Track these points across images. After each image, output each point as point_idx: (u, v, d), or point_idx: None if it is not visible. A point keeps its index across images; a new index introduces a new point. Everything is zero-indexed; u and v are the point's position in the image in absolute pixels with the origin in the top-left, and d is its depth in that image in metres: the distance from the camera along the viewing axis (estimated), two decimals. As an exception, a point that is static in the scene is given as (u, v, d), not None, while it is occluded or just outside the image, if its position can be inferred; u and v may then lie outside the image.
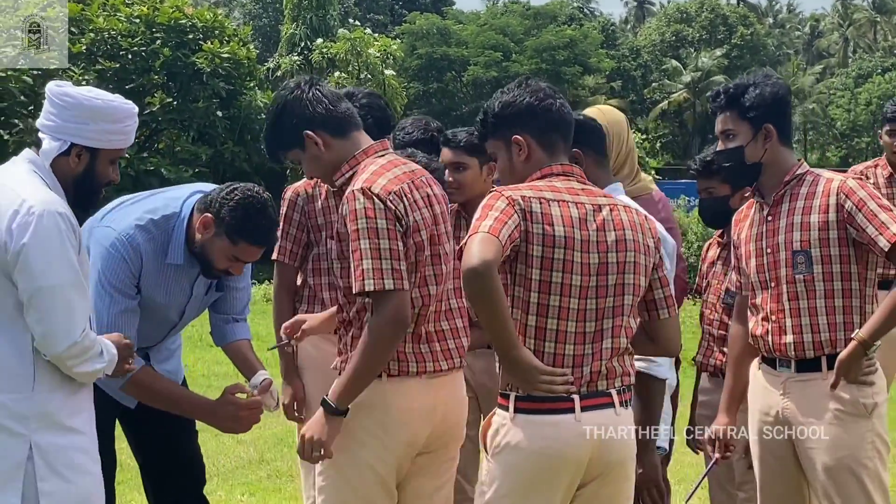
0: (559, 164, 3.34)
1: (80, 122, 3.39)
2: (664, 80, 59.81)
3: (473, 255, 3.01)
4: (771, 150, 3.84)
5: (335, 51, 24.48)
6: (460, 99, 52.96)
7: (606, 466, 3.22)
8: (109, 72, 18.70)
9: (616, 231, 3.24)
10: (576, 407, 3.15)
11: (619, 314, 3.25)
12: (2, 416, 3.23)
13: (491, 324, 3.11)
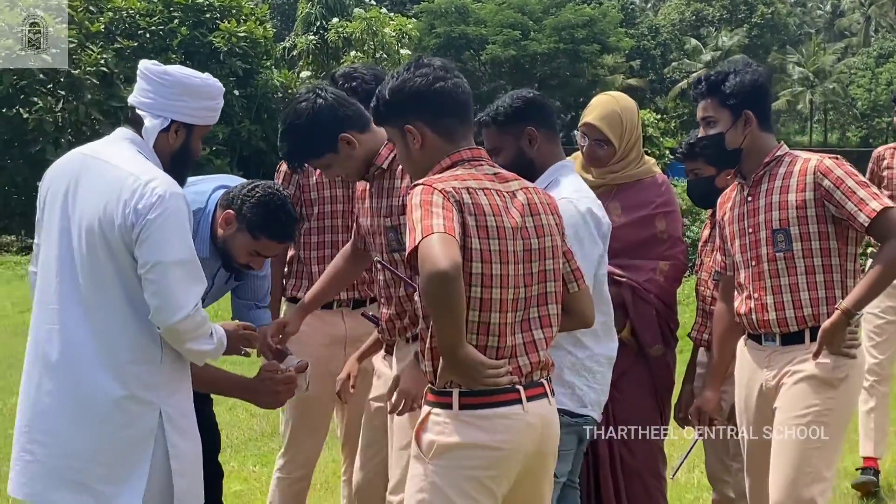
0: (467, 148, 3.22)
1: (179, 100, 3.52)
2: (684, 60, 59.56)
3: (439, 257, 2.85)
4: (751, 136, 3.96)
5: (351, 30, 24.52)
6: (478, 78, 52.88)
7: (541, 458, 3.18)
8: (127, 50, 18.83)
9: (534, 216, 3.16)
10: (522, 397, 3.08)
11: (545, 302, 3.18)
12: (136, 386, 3.38)
13: (449, 325, 2.96)
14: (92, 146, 3.61)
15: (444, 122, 3.22)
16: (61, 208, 3.47)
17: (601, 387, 3.87)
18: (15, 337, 10.63)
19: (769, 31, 62.36)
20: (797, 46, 65.43)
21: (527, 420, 3.09)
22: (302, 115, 3.88)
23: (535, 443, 3.12)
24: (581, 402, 3.78)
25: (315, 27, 26.90)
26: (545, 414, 3.16)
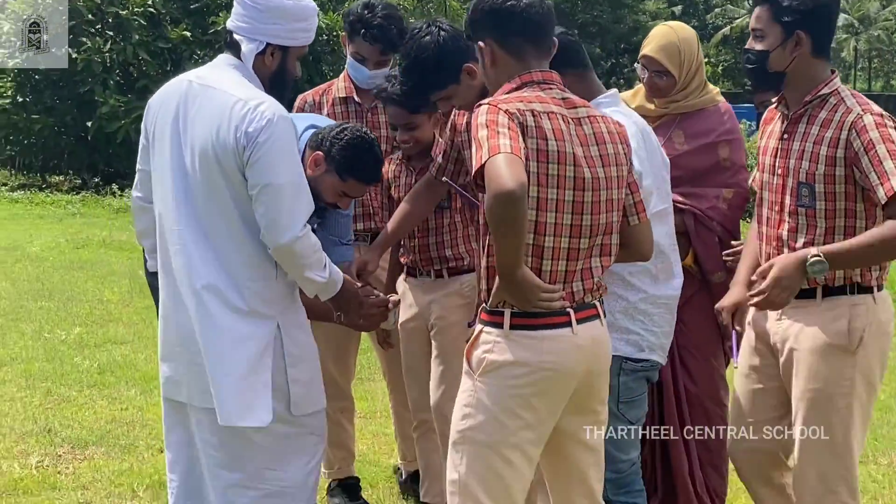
0: (538, 70, 3.21)
1: (273, 23, 3.61)
2: (727, 6, 58.83)
3: (505, 177, 2.85)
4: (800, 61, 3.59)
5: (398, -29, 24.42)
6: (519, 23, 52.50)
7: (598, 377, 3.26)
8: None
9: (599, 145, 3.18)
10: (572, 321, 3.13)
11: (609, 231, 3.22)
12: (254, 301, 3.54)
13: (510, 245, 2.98)
14: (197, 73, 3.72)
15: (513, 41, 3.21)
16: (172, 134, 3.60)
17: (661, 329, 3.82)
18: (72, 271, 10.86)
19: (814, -23, 61.38)
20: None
21: (576, 342, 3.15)
22: (428, 49, 3.93)
23: (585, 363, 3.18)
24: (639, 346, 3.76)
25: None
26: (595, 335, 3.22)
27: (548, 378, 3.12)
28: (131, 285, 9.93)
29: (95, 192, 18.32)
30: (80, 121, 18.70)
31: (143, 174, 3.80)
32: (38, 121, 18.75)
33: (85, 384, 6.83)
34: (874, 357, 3.60)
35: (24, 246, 12.30)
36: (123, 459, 5.48)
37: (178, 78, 3.77)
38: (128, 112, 17.71)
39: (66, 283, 10.23)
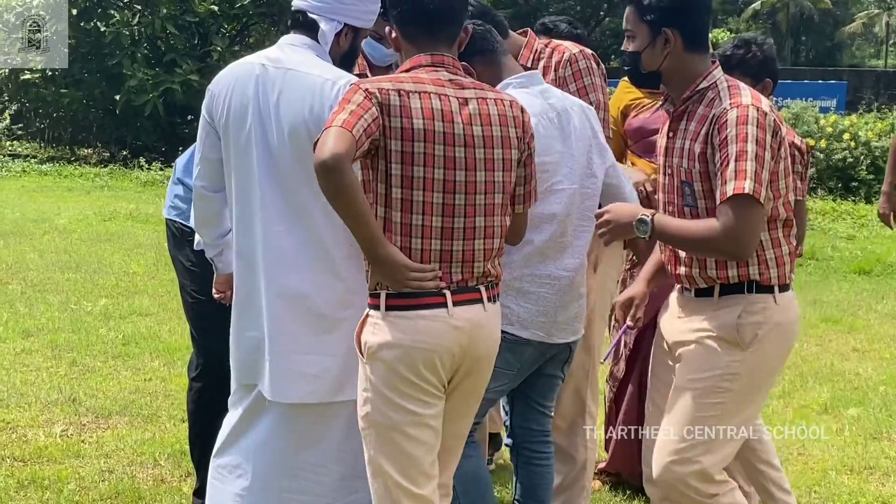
0: (430, 54, 3.25)
1: (351, 3, 3.65)
2: (761, -20, 58.31)
3: (325, 149, 2.92)
4: (672, 58, 3.45)
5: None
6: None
7: (473, 361, 3.24)
8: (203, -34, 18.91)
9: (484, 126, 3.18)
10: (448, 301, 3.14)
11: (491, 213, 3.21)
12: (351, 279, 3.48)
13: (351, 221, 3.04)
14: (269, 55, 3.68)
15: (408, 29, 3.29)
16: (254, 120, 3.57)
17: (540, 307, 3.77)
18: (99, 244, 10.99)
19: (848, -48, 60.77)
20: (878, -32, 63.72)
21: (452, 323, 3.15)
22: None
23: (463, 345, 3.18)
24: (507, 320, 3.65)
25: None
26: (476, 318, 3.21)
27: (425, 358, 3.14)
28: (157, 258, 10.05)
29: (123, 164, 18.46)
30: (108, 94, 18.84)
31: (208, 163, 3.74)
32: (67, 94, 18.91)
33: (110, 355, 6.94)
34: (769, 358, 3.51)
35: (53, 218, 12.44)
36: (146, 429, 5.58)
37: (243, 62, 3.73)
38: (155, 86, 17.84)
39: (92, 255, 10.36)
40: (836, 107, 22.47)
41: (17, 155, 19.43)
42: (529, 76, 3.87)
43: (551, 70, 4.26)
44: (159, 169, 17.19)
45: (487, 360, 3.31)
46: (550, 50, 4.31)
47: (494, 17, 4.19)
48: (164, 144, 19.18)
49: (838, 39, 59.19)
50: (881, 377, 6.87)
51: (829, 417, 6.16)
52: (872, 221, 13.10)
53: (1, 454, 5.15)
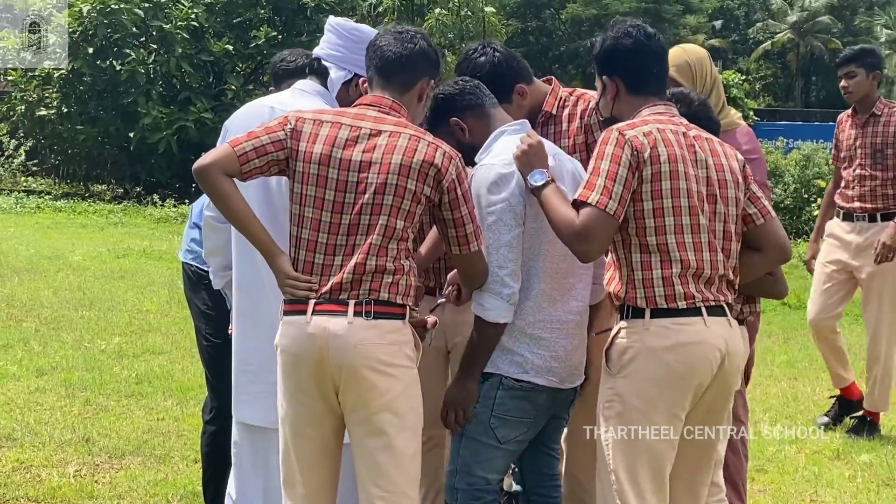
0: (374, 95, 3.60)
1: (362, 55, 3.75)
2: (768, 21, 58.55)
3: (202, 158, 3.46)
4: (620, 103, 3.72)
5: (437, -13, 24.55)
6: (559, 37, 52.56)
7: (341, 370, 3.42)
8: (217, 6, 19.09)
9: (385, 154, 3.44)
10: (308, 310, 3.43)
11: (371, 233, 3.43)
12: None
13: (235, 225, 3.57)
14: (279, 98, 3.90)
15: (370, 73, 3.65)
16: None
17: (553, 353, 3.80)
18: (112, 281, 11.05)
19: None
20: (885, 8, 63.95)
21: (306, 330, 3.43)
22: (483, 68, 4.08)
23: (319, 351, 3.41)
24: (522, 367, 3.75)
25: (401, -16, 26.94)
26: (334, 329, 3.41)
27: (287, 361, 3.49)
28: (170, 295, 10.10)
29: (137, 201, 18.59)
30: (123, 131, 19.00)
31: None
32: (82, 131, 19.09)
33: (123, 394, 6.97)
34: (644, 386, 3.48)
35: (67, 255, 12.52)
36: (159, 469, 5.60)
37: (256, 103, 3.95)
38: (169, 123, 18.00)
39: (106, 292, 10.42)
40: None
41: (32, 191, 19.58)
42: (522, 123, 3.97)
43: (576, 117, 4.32)
44: (172, 206, 17.30)
45: (354, 371, 3.42)
46: (576, 98, 4.38)
47: (520, 62, 4.27)
48: (177, 181, 19.29)
49: (849, 80, 59.22)
50: (893, 423, 6.85)
51: (842, 463, 6.14)
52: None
53: (15, 494, 5.17)
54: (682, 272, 3.48)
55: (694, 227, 3.50)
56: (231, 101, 17.46)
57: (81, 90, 19.10)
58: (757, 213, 3.71)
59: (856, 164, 6.58)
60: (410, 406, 3.52)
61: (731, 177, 3.62)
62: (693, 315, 3.48)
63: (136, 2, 18.31)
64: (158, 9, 18.49)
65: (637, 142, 3.47)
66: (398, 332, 3.49)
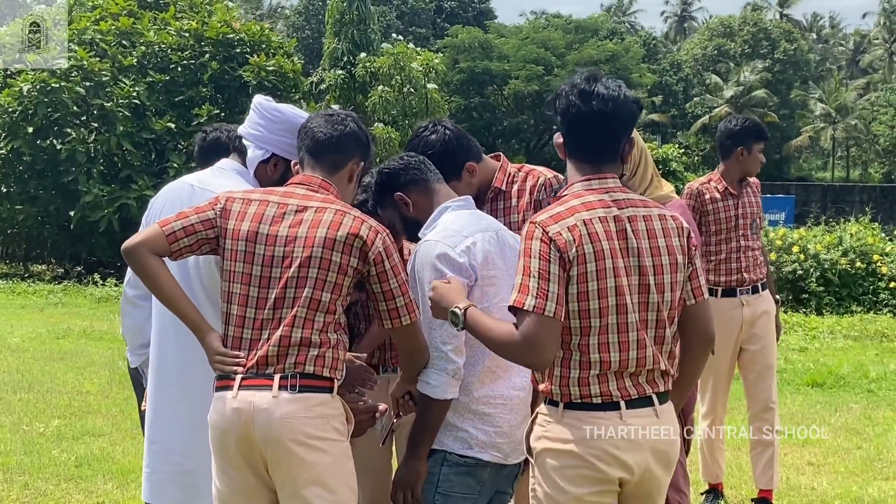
0: (304, 174, 3.68)
1: (283, 136, 3.84)
2: (706, 95, 59.73)
3: (132, 238, 3.53)
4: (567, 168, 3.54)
5: (378, 65, 24.80)
6: (502, 113, 53.17)
7: (268, 445, 3.40)
8: (159, 84, 19.11)
9: (311, 228, 3.49)
10: (235, 385, 3.44)
11: (295, 305, 3.46)
12: None
13: (163, 302, 3.57)
14: (199, 177, 3.96)
15: (301, 154, 3.73)
16: None
17: (497, 428, 3.77)
18: (52, 362, 10.88)
19: (791, 68, 62.53)
20: (819, 83, 65.53)
21: (232, 405, 3.44)
22: (434, 146, 4.14)
23: (245, 426, 3.42)
24: (467, 444, 3.74)
25: (343, 62, 27.19)
26: (258, 402, 3.42)
27: (217, 435, 3.50)
28: (111, 376, 9.96)
29: (77, 281, 18.39)
30: (63, 210, 18.83)
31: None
32: (22, 210, 18.90)
33: (62, 477, 6.84)
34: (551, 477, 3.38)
35: (6, 337, 12.33)
36: (98, 554, 5.48)
37: (179, 181, 4.00)
38: (111, 201, 17.89)
39: (45, 374, 10.25)
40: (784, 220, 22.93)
41: (-30, 272, 19.29)
42: (466, 199, 4.01)
43: (526, 193, 4.37)
44: (114, 285, 17.13)
45: (280, 444, 3.41)
46: (524, 174, 4.43)
47: (469, 140, 4.32)
48: (119, 260, 19.01)
49: (786, 153, 60.52)
50: (836, 491, 6.90)
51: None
52: (824, 333, 13.26)
53: (-51, 583, 5.03)
54: (602, 373, 3.31)
55: (621, 325, 3.30)
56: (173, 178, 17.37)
57: (21, 170, 18.92)
58: (690, 293, 3.48)
59: (738, 235, 6.41)
60: (342, 480, 3.50)
61: (668, 259, 3.39)
62: (609, 409, 3.32)
63: (77, 80, 18.26)
64: (99, 87, 18.44)
65: (560, 240, 3.26)
66: (325, 405, 3.47)
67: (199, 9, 20.96)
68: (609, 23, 62.19)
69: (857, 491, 6.85)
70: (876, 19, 77.57)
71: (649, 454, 3.34)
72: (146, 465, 4.01)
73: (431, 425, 3.70)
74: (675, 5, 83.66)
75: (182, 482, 3.88)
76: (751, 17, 67.48)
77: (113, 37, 19.49)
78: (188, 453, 3.86)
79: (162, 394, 3.96)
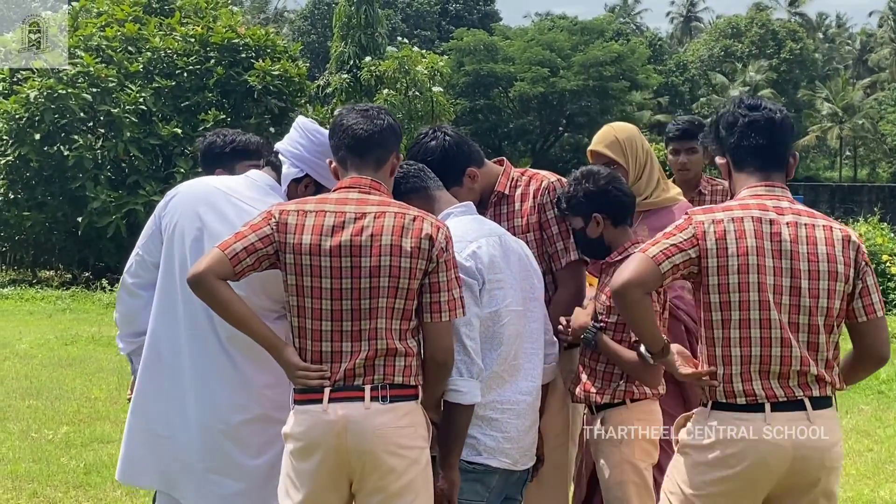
0: (353, 177, 3.60)
1: (319, 158, 3.81)
2: (712, 96, 59.66)
3: (194, 268, 3.46)
4: (732, 183, 3.73)
5: (384, 68, 24.80)
6: (507, 115, 53.16)
7: (362, 456, 3.41)
8: (165, 90, 19.11)
9: (374, 235, 3.46)
10: (324, 398, 3.42)
11: (375, 316, 3.45)
12: (270, 407, 3.83)
13: (238, 326, 3.51)
14: (228, 182, 3.94)
15: (340, 154, 3.66)
16: (192, 236, 3.84)
17: (505, 434, 3.82)
18: (60, 369, 10.87)
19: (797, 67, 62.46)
20: (826, 82, 65.41)
21: (325, 418, 3.42)
22: (434, 152, 4.15)
23: (337, 438, 3.40)
24: (475, 450, 3.76)
25: (349, 66, 27.19)
26: (352, 415, 3.42)
27: (303, 448, 3.46)
28: (119, 382, 9.95)
29: (85, 286, 18.39)
30: (70, 216, 18.85)
31: (144, 262, 3.97)
32: (30, 217, 18.91)
33: (71, 485, 6.83)
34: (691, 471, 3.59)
35: (14, 343, 12.33)
36: (108, 562, 5.47)
37: (204, 180, 3.99)
38: (118, 207, 17.90)
39: (54, 380, 10.25)
40: (793, 220, 22.80)
41: (-22, 278, 19.32)
42: (468, 205, 4.03)
43: (529, 197, 4.37)
44: (122, 291, 17.10)
45: (374, 456, 3.42)
46: (528, 178, 4.43)
47: (470, 146, 4.32)
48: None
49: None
50: (848, 494, 6.86)
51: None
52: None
53: (-42, 593, 5.02)
54: (744, 369, 3.44)
55: (763, 321, 3.42)
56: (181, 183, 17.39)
57: (28, 176, 18.94)
58: (860, 309, 3.54)
59: None
60: (426, 486, 3.54)
61: (826, 266, 3.47)
62: (754, 411, 3.44)
63: (84, 87, 18.28)
64: (106, 93, 18.45)
65: (700, 229, 3.50)
66: (413, 413, 3.50)
67: (204, 14, 20.96)
68: (615, 24, 62.13)
69: (869, 494, 6.83)
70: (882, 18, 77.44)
71: (796, 458, 3.42)
72: (124, 443, 4.06)
73: (463, 433, 3.70)
74: (680, 6, 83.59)
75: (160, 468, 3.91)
76: (758, 18, 67.38)
77: (119, 43, 19.51)
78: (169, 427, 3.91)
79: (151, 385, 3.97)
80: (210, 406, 3.83)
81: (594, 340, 4.09)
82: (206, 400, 3.84)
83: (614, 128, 4.87)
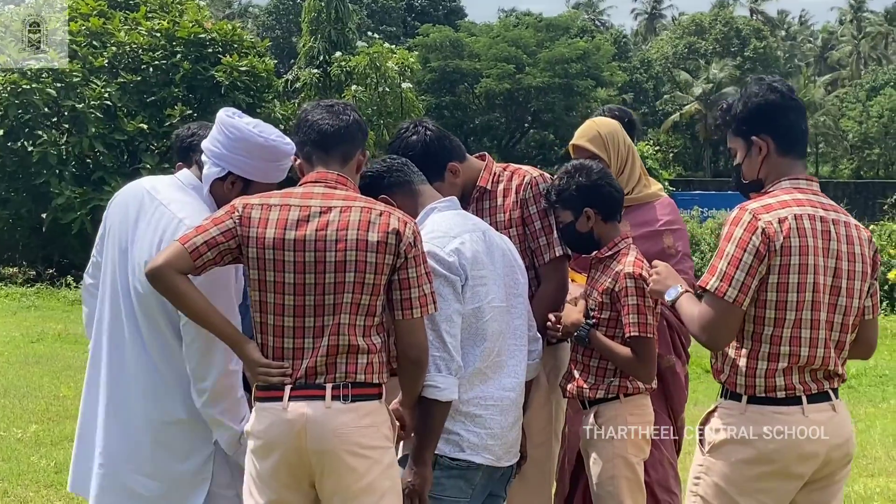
0: (319, 171, 3.55)
1: (240, 155, 3.72)
2: (675, 93, 59.98)
3: (153, 261, 3.44)
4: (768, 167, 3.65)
5: (354, 64, 24.71)
6: (473, 111, 53.16)
7: (321, 456, 3.37)
8: (131, 84, 18.91)
9: (340, 230, 3.40)
10: (284, 396, 3.38)
11: (339, 311, 3.39)
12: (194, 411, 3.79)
13: (198, 320, 3.49)
14: (155, 184, 3.89)
15: (306, 150, 3.62)
16: (120, 239, 3.82)
17: (489, 430, 3.79)
18: (26, 366, 10.75)
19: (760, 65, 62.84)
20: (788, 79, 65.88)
21: (284, 417, 3.37)
22: (415, 147, 4.12)
23: (297, 437, 3.36)
24: (458, 446, 3.74)
25: (318, 61, 27.06)
26: (311, 413, 3.36)
27: (263, 446, 3.41)
28: (88, 380, 9.83)
29: (50, 283, 18.21)
30: (34, 213, 18.61)
31: (96, 262, 3.99)
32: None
33: (42, 484, 6.75)
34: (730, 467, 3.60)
35: (-22, 341, 12.18)
36: (82, 563, 5.40)
37: (138, 183, 3.94)
38: (83, 203, 17.70)
39: (21, 378, 10.13)
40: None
41: (-60, 275, 19.08)
42: (452, 200, 4.00)
43: (511, 192, 4.35)
44: (87, 288, 16.95)
45: (335, 456, 3.37)
46: (510, 173, 4.41)
47: (452, 140, 4.30)
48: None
49: (756, 149, 60.70)
50: None
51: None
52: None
53: None
54: (788, 367, 3.46)
55: (814, 322, 3.45)
56: (146, 181, 17.23)
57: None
58: (869, 308, 3.65)
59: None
60: (392, 487, 3.47)
61: (860, 268, 3.54)
62: (792, 404, 3.48)
63: (48, 81, 18.06)
64: (71, 88, 18.23)
65: (771, 230, 3.42)
66: (375, 413, 3.44)
67: (169, 8, 20.75)
68: (579, 21, 62.29)
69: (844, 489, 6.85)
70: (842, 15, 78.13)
71: (829, 447, 3.48)
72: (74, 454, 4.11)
73: (437, 430, 3.65)
74: (645, 3, 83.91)
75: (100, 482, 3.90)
76: (722, 15, 67.79)
77: (83, 37, 19.26)
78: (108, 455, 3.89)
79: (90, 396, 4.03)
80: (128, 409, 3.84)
81: (587, 337, 4.10)
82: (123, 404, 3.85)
83: (596, 122, 4.86)
